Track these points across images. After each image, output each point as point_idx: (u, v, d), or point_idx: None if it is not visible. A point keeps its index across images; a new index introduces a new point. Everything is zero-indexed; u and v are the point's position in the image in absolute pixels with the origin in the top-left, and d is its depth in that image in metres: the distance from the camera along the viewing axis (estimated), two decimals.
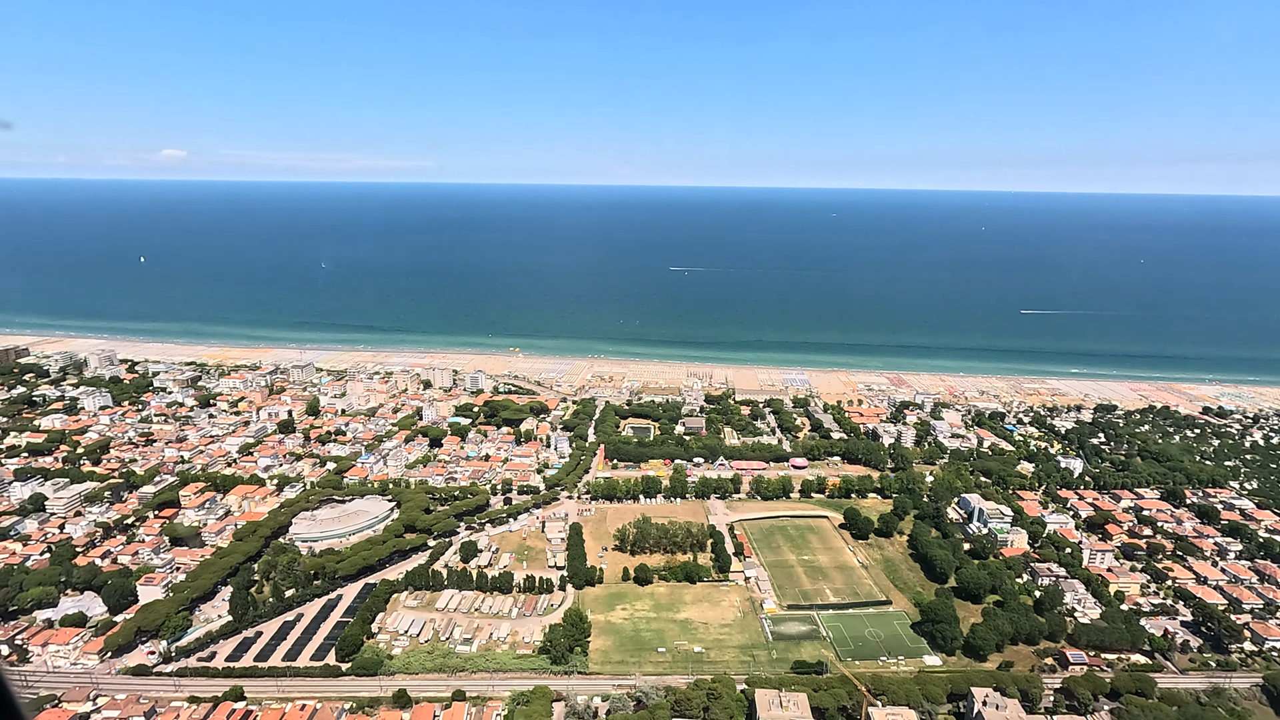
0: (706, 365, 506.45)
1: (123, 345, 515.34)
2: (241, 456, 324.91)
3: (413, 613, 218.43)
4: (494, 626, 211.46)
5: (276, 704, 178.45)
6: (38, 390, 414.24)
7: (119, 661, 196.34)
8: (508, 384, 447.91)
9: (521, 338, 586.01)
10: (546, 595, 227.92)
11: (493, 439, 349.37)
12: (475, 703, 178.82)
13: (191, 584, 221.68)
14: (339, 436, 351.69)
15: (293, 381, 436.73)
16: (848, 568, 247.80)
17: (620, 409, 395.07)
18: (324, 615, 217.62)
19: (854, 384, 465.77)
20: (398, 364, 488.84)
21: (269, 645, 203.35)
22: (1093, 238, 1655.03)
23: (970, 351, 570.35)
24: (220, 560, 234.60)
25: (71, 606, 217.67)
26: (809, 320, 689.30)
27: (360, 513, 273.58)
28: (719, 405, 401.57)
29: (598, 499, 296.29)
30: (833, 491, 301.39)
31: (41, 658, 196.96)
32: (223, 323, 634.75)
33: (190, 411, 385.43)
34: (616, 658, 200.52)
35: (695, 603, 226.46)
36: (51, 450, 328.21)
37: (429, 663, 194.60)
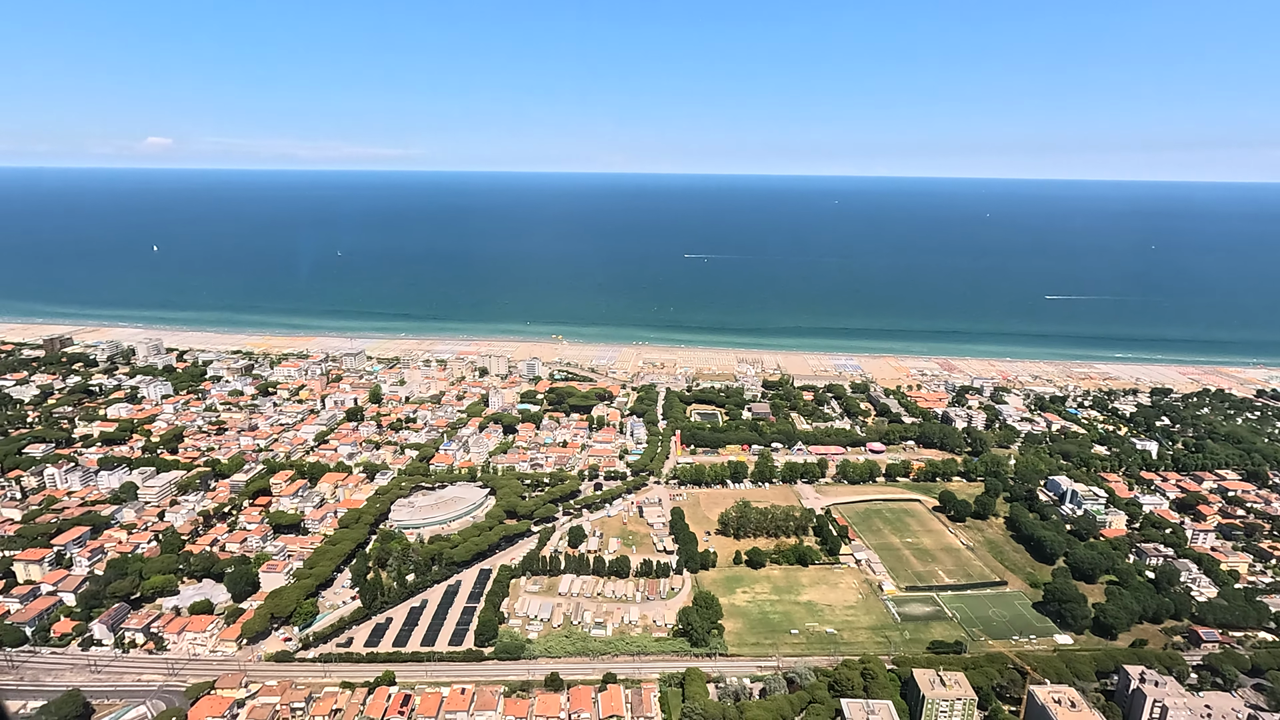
0: (754, 351, 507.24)
1: (162, 334, 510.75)
2: (319, 445, 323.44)
3: (536, 597, 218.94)
4: (622, 610, 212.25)
5: (431, 688, 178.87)
6: (93, 379, 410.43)
7: (256, 648, 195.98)
8: (562, 371, 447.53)
9: (558, 324, 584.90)
10: (663, 579, 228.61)
11: (566, 425, 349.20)
12: (627, 685, 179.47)
13: (311, 571, 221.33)
14: (411, 424, 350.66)
15: (347, 370, 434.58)
16: (953, 550, 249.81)
17: (682, 395, 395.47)
18: (448, 601, 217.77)
19: (905, 369, 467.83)
20: (445, 351, 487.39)
21: (403, 631, 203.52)
22: (1097, 224, 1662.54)
23: (1008, 337, 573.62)
24: (334, 547, 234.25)
25: (194, 594, 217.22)
26: (841, 306, 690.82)
27: (457, 499, 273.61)
28: (781, 391, 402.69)
29: (685, 484, 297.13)
30: (918, 475, 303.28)
31: (179, 645, 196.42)
32: (255, 311, 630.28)
33: (253, 400, 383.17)
34: (750, 639, 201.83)
35: (813, 585, 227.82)
36: (125, 439, 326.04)
37: (569, 646, 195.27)
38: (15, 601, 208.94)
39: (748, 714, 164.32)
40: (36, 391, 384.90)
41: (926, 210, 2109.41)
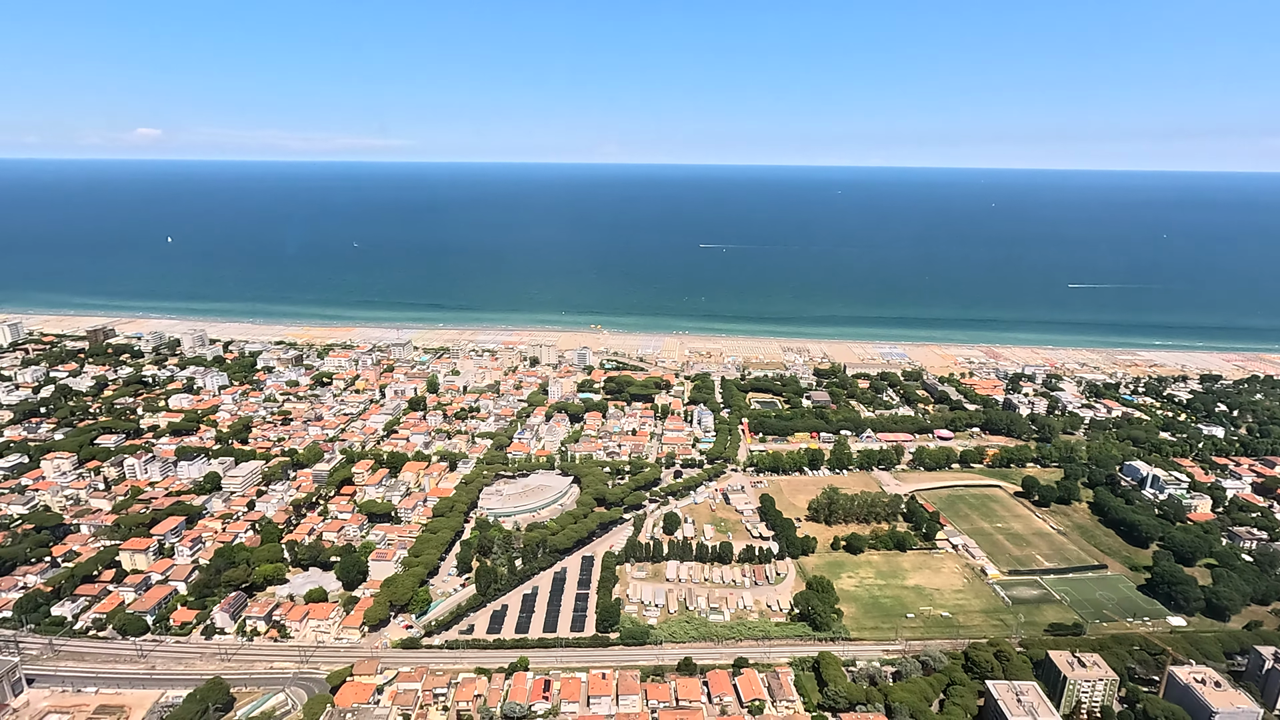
0: (798, 340, 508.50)
1: (205, 325, 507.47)
2: (388, 434, 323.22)
3: (644, 583, 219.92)
4: (734, 596, 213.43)
5: (566, 674, 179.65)
6: (144, 370, 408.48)
7: (379, 635, 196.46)
8: (611, 360, 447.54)
9: (594, 314, 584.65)
10: (766, 564, 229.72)
11: (632, 414, 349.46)
12: (761, 669, 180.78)
13: (418, 559, 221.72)
14: (475, 413, 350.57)
15: (397, 360, 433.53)
16: (1044, 534, 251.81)
17: (738, 383, 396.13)
18: (558, 587, 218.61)
19: (951, 357, 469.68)
20: (488, 341, 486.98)
21: (521, 617, 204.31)
22: (1104, 214, 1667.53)
23: (1040, 325, 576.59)
24: (434, 536, 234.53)
25: (303, 582, 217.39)
26: (871, 296, 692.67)
27: (543, 488, 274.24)
28: (837, 379, 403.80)
29: (763, 471, 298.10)
30: (992, 461, 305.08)
31: (301, 632, 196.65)
32: (285, 301, 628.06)
33: (311, 390, 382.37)
34: (867, 623, 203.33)
35: (916, 570, 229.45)
36: (194, 430, 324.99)
37: (691, 631, 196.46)
38: (130, 591, 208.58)
39: (892, 696, 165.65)
40: (92, 382, 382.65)
41: (929, 200, 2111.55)
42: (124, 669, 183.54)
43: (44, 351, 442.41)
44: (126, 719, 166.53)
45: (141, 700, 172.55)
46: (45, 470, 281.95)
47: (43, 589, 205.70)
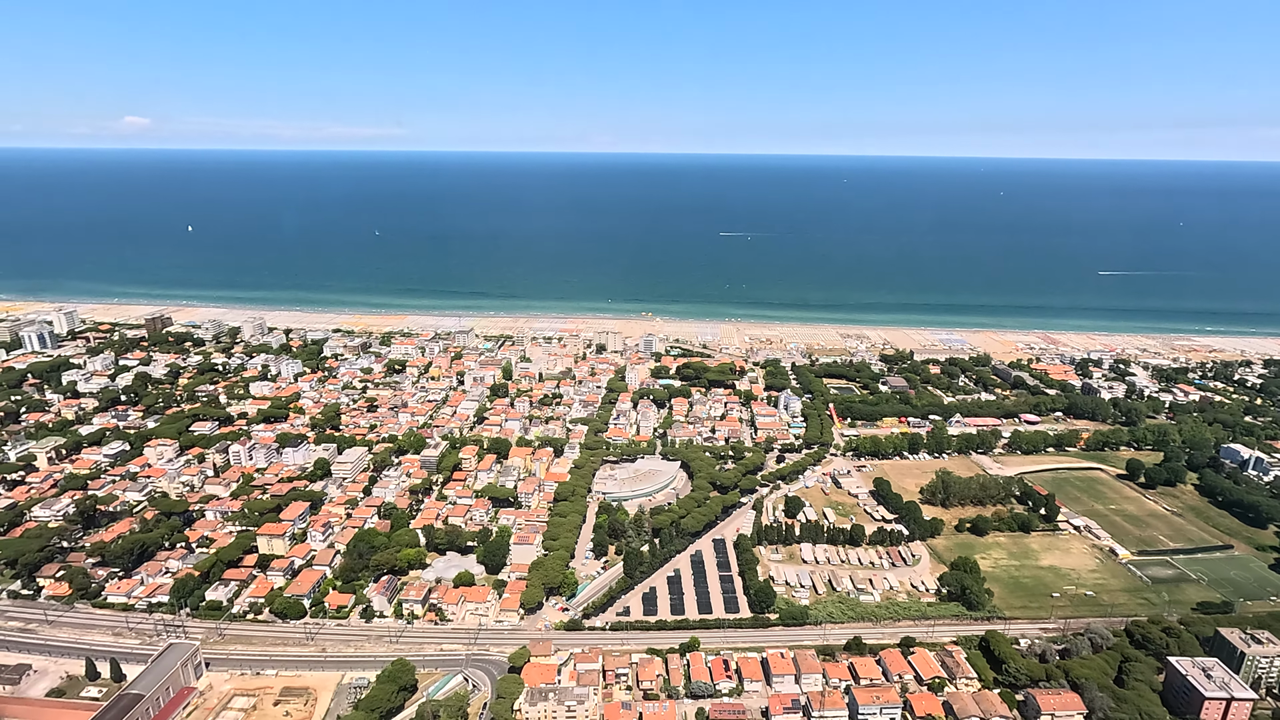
0: (854, 327, 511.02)
1: (253, 313, 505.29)
2: (480, 421, 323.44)
3: (784, 565, 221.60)
4: (878, 577, 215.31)
5: (738, 653, 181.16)
6: (213, 358, 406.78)
7: (537, 618, 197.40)
8: (675, 347, 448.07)
9: (640, 302, 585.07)
10: (897, 546, 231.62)
11: (717, 400, 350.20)
12: (932, 649, 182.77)
13: (556, 542, 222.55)
14: (558, 399, 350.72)
15: (464, 347, 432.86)
16: (1159, 516, 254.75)
17: (810, 369, 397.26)
18: (698, 569, 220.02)
19: (1010, 343, 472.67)
20: (544, 329, 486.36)
21: (673, 599, 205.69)
22: (1113, 202, 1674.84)
23: (1082, 311, 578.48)
24: (564, 520, 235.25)
25: (444, 566, 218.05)
26: (906, 282, 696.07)
27: (653, 472, 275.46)
28: (907, 365, 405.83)
29: (863, 455, 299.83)
30: (1087, 444, 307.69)
31: (459, 615, 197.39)
32: (324, 290, 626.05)
33: (385, 378, 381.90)
34: (1015, 602, 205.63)
35: (1046, 551, 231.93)
36: (284, 417, 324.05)
37: (848, 611, 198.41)
38: (278, 575, 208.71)
39: (1073, 672, 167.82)
40: (165, 370, 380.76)
41: (936, 189, 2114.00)
42: (295, 651, 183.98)
43: (104, 339, 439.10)
44: (314, 700, 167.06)
45: (323, 682, 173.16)
46: (149, 457, 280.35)
47: (193, 573, 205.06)
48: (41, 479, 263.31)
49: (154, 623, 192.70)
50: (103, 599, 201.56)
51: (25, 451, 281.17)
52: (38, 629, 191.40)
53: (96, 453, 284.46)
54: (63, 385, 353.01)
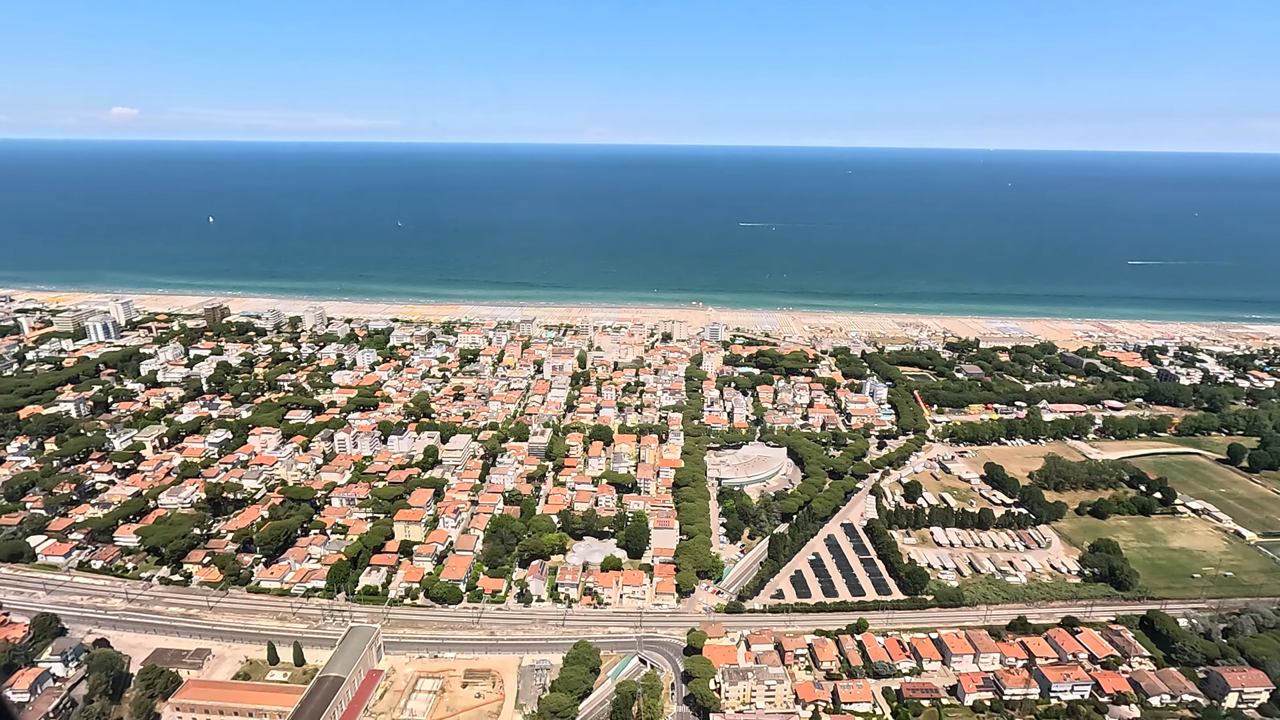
0: (909, 316, 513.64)
1: (310, 303, 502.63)
2: (570, 410, 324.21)
3: (920, 549, 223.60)
4: (1017, 559, 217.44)
5: (903, 634, 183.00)
6: (283, 347, 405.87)
7: (692, 601, 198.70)
8: (738, 336, 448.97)
9: (687, 291, 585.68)
10: (1024, 529, 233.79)
11: (801, 387, 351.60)
12: (1097, 627, 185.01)
13: (693, 526, 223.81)
14: (641, 387, 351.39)
15: (531, 337, 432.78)
16: (1272, 498, 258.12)
17: (883, 357, 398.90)
18: (836, 553, 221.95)
19: (1066, 331, 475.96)
20: (601, 318, 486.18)
21: (823, 583, 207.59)
22: (1123, 193, 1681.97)
23: (1122, 299, 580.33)
24: (693, 505, 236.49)
25: (585, 551, 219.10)
26: (943, 271, 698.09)
27: (764, 458, 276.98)
28: (975, 353, 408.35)
29: (961, 441, 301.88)
30: (1178, 429, 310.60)
31: (615, 599, 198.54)
32: (367, 280, 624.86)
33: (461, 367, 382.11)
34: (1158, 582, 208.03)
35: (1172, 534, 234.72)
36: (374, 405, 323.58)
37: (1000, 593, 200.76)
38: (426, 561, 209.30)
39: (1249, 650, 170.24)
40: (240, 360, 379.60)
41: (943, 180, 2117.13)
42: (464, 635, 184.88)
43: (166, 330, 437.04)
44: (500, 682, 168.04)
45: (503, 664, 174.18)
46: (254, 445, 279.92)
47: (343, 559, 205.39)
48: (153, 467, 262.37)
49: (315, 607, 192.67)
50: (255, 584, 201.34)
51: (129, 440, 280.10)
52: (199, 614, 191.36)
53: (199, 441, 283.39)
54: (141, 375, 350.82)
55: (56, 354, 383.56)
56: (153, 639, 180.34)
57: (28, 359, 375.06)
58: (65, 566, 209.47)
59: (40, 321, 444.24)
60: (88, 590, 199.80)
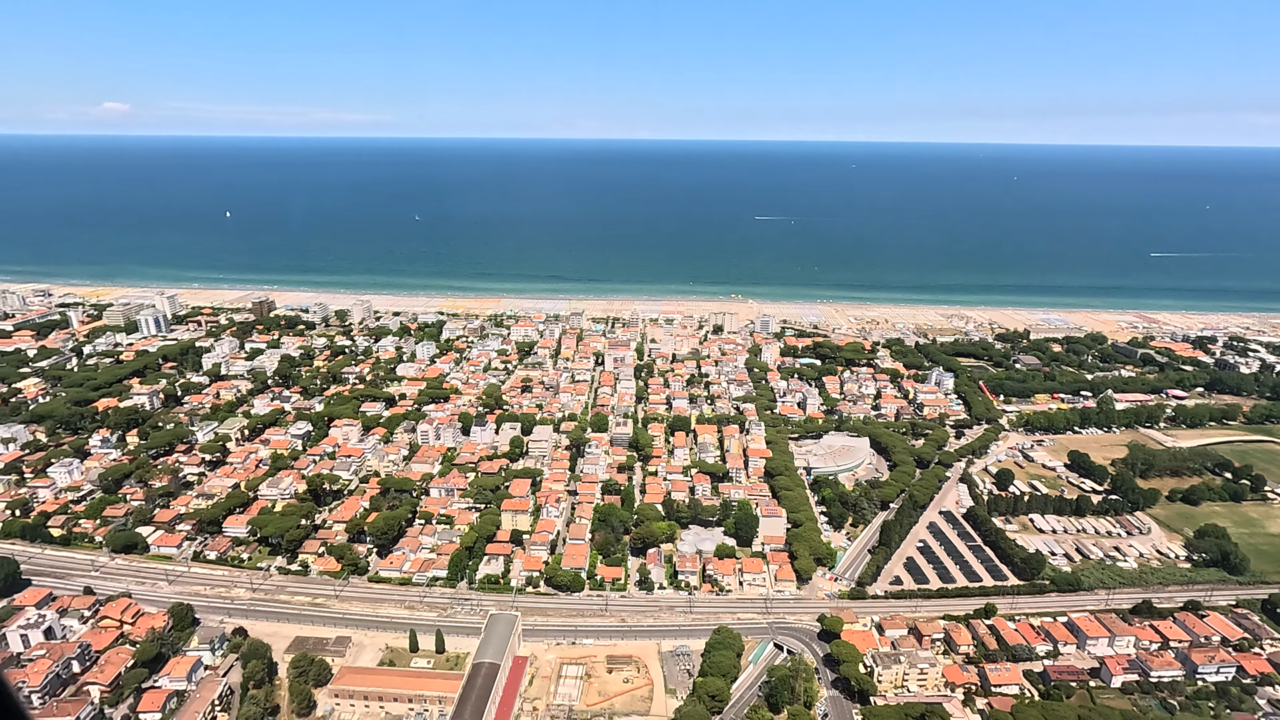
0: (952, 307, 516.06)
1: (345, 297, 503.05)
2: (640, 401, 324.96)
3: (1019, 535, 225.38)
4: (1123, 544, 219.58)
5: (1035, 619, 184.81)
6: (336, 341, 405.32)
7: (813, 587, 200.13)
8: (786, 328, 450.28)
9: (723, 284, 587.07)
10: (1119, 515, 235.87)
11: (865, 378, 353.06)
12: (1221, 612, 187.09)
13: (799, 515, 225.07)
14: (705, 378, 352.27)
15: (582, 330, 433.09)
16: None
17: (938, 348, 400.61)
18: (942, 539, 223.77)
19: (1110, 321, 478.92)
20: (647, 311, 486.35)
21: (938, 568, 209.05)
22: (1131, 186, 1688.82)
23: (1154, 291, 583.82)
24: (792, 494, 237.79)
25: (693, 539, 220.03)
26: (971, 263, 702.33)
27: (848, 448, 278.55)
28: (1026, 344, 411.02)
29: (1035, 430, 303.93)
30: (1247, 417, 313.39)
31: (735, 586, 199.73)
32: (401, 274, 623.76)
33: (520, 360, 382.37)
34: (1267, 567, 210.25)
35: (1267, 519, 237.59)
36: (445, 397, 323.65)
37: (1116, 577, 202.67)
38: (541, 549, 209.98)
39: None
40: (299, 351, 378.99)
41: (948, 174, 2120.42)
42: (595, 622, 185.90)
43: (214, 323, 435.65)
44: (644, 668, 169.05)
45: (641, 651, 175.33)
46: (337, 437, 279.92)
47: (461, 548, 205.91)
48: (241, 459, 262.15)
49: (440, 595, 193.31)
50: (375, 574, 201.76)
51: (210, 433, 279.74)
52: (326, 603, 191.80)
53: (279, 433, 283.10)
54: (204, 368, 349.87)
55: (113, 347, 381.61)
56: (287, 628, 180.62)
57: (84, 353, 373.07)
58: (179, 557, 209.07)
59: (88, 315, 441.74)
60: (208, 580, 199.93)
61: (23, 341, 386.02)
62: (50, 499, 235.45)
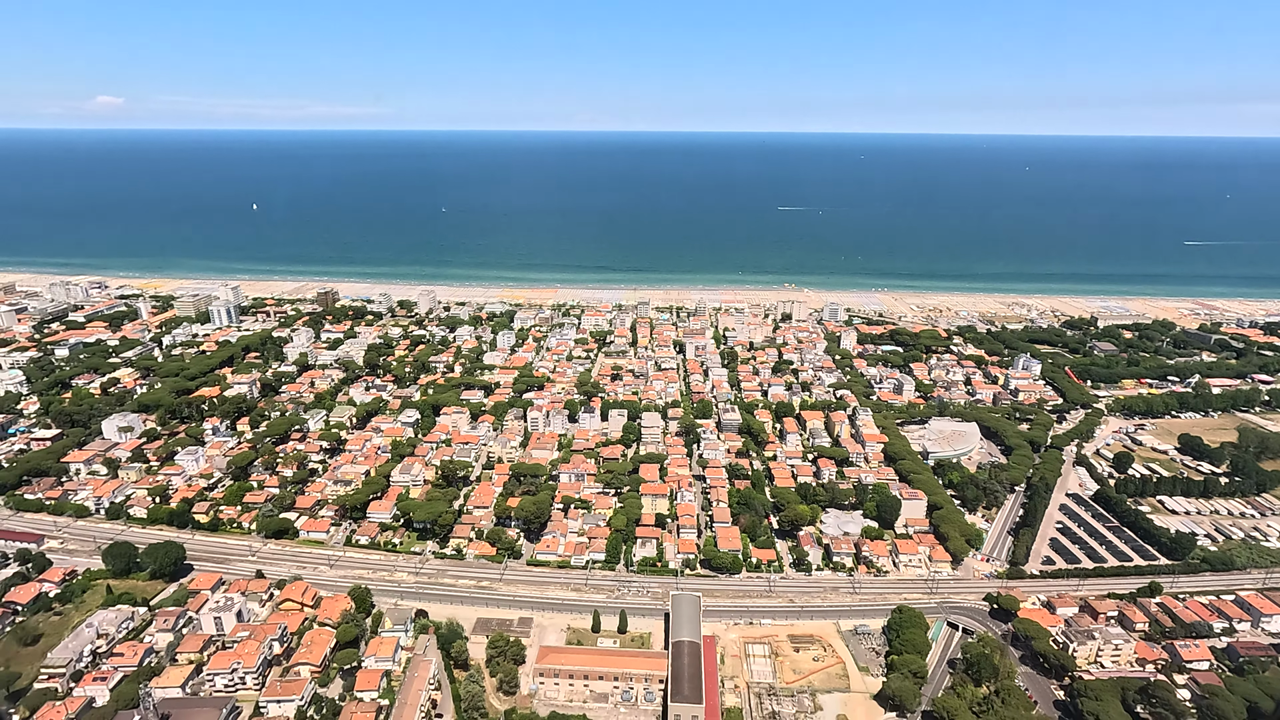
0: (1012, 295, 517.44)
1: (398, 288, 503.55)
2: (735, 387, 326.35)
3: (1155, 516, 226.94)
4: (1262, 524, 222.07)
5: (1200, 596, 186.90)
6: (410, 330, 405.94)
7: (967, 568, 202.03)
8: (853, 315, 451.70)
9: (771, 274, 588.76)
10: (1246, 496, 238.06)
11: (953, 365, 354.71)
12: None
13: (935, 498, 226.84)
14: (788, 365, 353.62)
15: (652, 319, 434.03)
16: None
17: (1015, 335, 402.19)
18: (1079, 521, 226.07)
19: (1169, 309, 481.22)
20: (709, 301, 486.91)
21: (1084, 547, 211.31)
22: (1145, 176, 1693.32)
23: (1197, 278, 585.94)
24: (922, 476, 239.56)
25: (834, 521, 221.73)
26: (1011, 252, 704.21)
27: (959, 433, 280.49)
28: (1098, 331, 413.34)
29: (1133, 414, 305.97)
30: None
31: (889, 566, 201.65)
32: (444, 264, 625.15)
33: (604, 347, 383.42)
34: None
35: None
36: (540, 385, 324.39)
37: (1267, 557, 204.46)
38: (689, 534, 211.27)
39: None
40: (379, 340, 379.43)
41: (959, 164, 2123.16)
42: (763, 603, 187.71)
43: (283, 314, 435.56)
44: (828, 646, 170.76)
45: (819, 630, 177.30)
46: (447, 424, 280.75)
47: (614, 532, 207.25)
48: (360, 446, 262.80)
49: (601, 578, 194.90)
50: (532, 557, 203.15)
51: (320, 420, 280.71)
52: (490, 586, 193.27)
53: (387, 420, 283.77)
54: (287, 358, 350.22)
55: (191, 338, 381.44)
56: (461, 610, 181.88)
57: (163, 343, 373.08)
58: (331, 542, 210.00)
59: (155, 307, 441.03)
60: (366, 564, 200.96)
61: (99, 333, 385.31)
62: (183, 486, 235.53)
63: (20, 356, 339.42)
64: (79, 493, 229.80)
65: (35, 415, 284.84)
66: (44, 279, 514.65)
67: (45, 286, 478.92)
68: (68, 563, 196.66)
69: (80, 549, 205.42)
